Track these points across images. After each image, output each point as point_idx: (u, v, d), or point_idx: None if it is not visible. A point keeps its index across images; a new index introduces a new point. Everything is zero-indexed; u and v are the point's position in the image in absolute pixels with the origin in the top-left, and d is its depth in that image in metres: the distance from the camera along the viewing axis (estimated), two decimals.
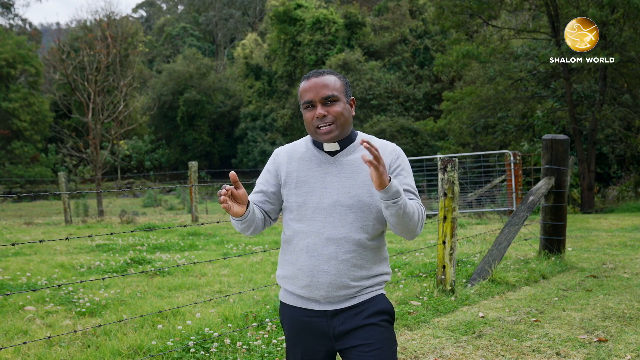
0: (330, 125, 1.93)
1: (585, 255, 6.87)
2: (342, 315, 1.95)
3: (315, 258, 1.93)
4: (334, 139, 1.96)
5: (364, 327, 1.94)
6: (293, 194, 1.99)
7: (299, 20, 32.50)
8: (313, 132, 1.96)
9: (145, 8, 64.47)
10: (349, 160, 1.98)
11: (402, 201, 1.79)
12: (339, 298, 1.94)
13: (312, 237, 1.94)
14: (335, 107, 1.93)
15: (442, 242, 4.86)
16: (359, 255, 1.94)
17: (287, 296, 2.05)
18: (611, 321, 4.10)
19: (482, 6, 15.19)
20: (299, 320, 2.01)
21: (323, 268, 1.92)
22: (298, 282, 1.97)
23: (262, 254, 7.17)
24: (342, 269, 1.92)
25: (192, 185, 7.82)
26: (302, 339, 2.01)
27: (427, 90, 30.65)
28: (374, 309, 1.96)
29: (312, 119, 1.94)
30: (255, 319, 4.14)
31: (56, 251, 7.81)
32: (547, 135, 6.36)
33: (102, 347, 3.63)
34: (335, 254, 1.92)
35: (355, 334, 1.94)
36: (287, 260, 2.02)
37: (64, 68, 19.14)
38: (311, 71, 2.02)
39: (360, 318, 1.95)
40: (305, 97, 1.95)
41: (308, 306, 1.98)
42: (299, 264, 1.96)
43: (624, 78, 14.91)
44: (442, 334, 3.94)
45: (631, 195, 15.69)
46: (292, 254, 2.00)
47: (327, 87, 1.93)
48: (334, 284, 1.92)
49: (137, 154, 36.83)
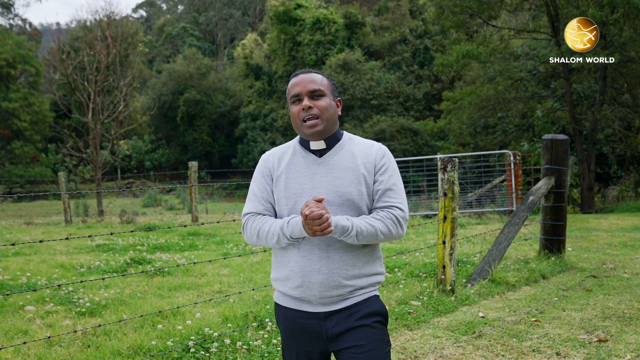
0: (316, 119, 1.97)
1: (585, 255, 6.87)
2: (335, 317, 1.96)
3: (306, 258, 1.94)
4: (318, 134, 1.98)
5: (356, 328, 1.95)
6: (283, 196, 2.00)
7: (299, 20, 32.50)
8: (299, 126, 2.00)
9: (145, 8, 64.47)
10: (336, 161, 2.00)
11: (352, 233, 1.87)
12: (332, 299, 1.95)
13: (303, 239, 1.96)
14: (321, 101, 1.98)
15: (442, 242, 4.86)
16: (351, 254, 1.95)
17: (280, 297, 2.07)
18: (611, 321, 4.10)
19: (482, 6, 15.19)
20: (293, 322, 2.02)
21: (315, 267, 1.93)
22: (290, 283, 1.98)
23: (262, 254, 7.17)
24: (334, 267, 1.93)
25: (192, 185, 7.82)
26: (297, 340, 2.03)
27: (427, 90, 30.65)
28: (366, 311, 1.97)
29: (298, 112, 1.98)
30: (255, 319, 4.14)
31: (56, 251, 7.81)
32: (547, 135, 6.36)
33: (102, 347, 3.63)
34: (326, 253, 1.93)
35: (347, 335, 1.95)
36: (279, 262, 2.04)
37: (64, 68, 19.13)
38: (300, 70, 2.07)
39: (352, 320, 1.95)
40: (292, 91, 2.00)
41: (301, 308, 2.00)
42: (291, 265, 1.97)
43: (624, 78, 14.91)
44: (442, 334, 3.94)
45: (631, 195, 15.69)
46: (284, 255, 2.01)
47: (314, 82, 1.99)
48: (326, 283, 1.92)
49: (137, 154, 36.83)
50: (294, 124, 2.02)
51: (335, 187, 1.95)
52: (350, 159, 2.00)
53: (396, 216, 1.96)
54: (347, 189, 1.95)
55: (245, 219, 2.05)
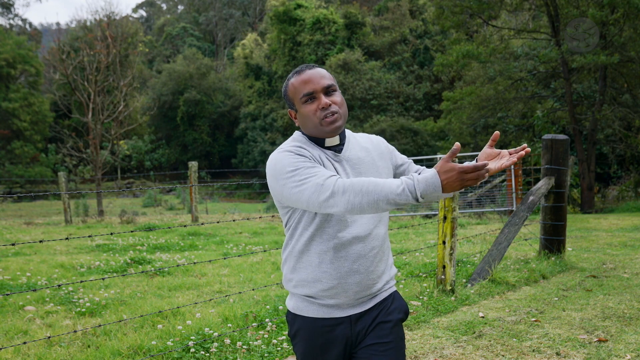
0: (335, 114, 1.83)
1: (585, 255, 6.87)
2: (366, 316, 1.89)
3: (343, 258, 1.82)
4: (338, 130, 1.86)
5: (380, 324, 1.89)
6: None
7: (299, 20, 32.51)
8: (317, 125, 1.83)
9: (145, 8, 64.49)
10: (353, 156, 1.92)
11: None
12: (363, 299, 1.88)
13: (336, 239, 1.82)
14: (335, 96, 1.86)
15: (442, 242, 4.86)
16: (380, 247, 1.89)
17: (303, 307, 1.89)
18: (611, 321, 4.10)
19: (482, 6, 15.19)
20: (320, 333, 1.87)
21: (352, 267, 1.83)
22: (321, 285, 1.83)
23: (262, 254, 7.17)
24: (369, 265, 1.85)
25: (192, 185, 7.82)
26: (322, 355, 1.89)
27: (427, 90, 30.66)
28: (394, 307, 1.93)
29: (315, 111, 1.82)
30: (255, 319, 4.14)
31: (56, 251, 7.81)
32: (547, 135, 6.36)
33: (102, 347, 3.63)
34: (362, 252, 1.84)
35: (372, 332, 1.88)
36: (304, 262, 1.87)
37: (64, 68, 19.14)
38: (300, 66, 1.92)
39: (381, 316, 1.89)
40: (304, 90, 1.83)
41: (331, 315, 1.86)
42: (324, 266, 1.83)
43: (624, 78, 14.93)
44: (442, 334, 3.94)
45: (631, 195, 15.70)
46: (309, 255, 1.85)
47: (325, 77, 1.85)
48: (363, 283, 1.84)
49: (137, 154, 36.84)
50: (309, 124, 1.84)
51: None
52: (365, 153, 1.95)
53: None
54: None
55: (334, 180, 1.68)
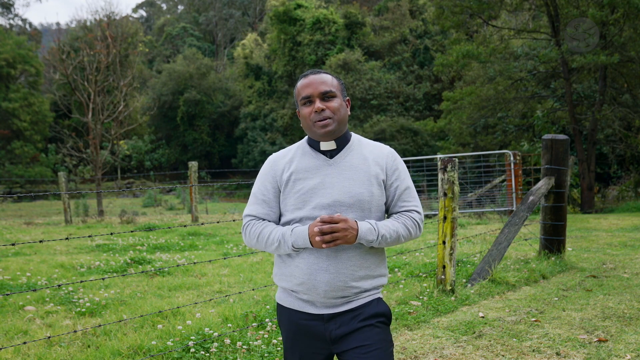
0: (328, 119, 1.97)
1: (585, 255, 6.87)
2: (339, 319, 1.96)
3: (314, 256, 1.92)
4: (331, 134, 1.98)
5: (360, 329, 1.95)
6: (292, 197, 1.99)
7: (299, 20, 32.50)
8: (310, 127, 1.99)
9: (145, 8, 64.48)
10: (347, 162, 2.00)
11: (378, 240, 1.92)
12: (336, 302, 1.94)
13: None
14: (332, 102, 1.98)
15: (442, 242, 4.86)
16: (360, 255, 1.95)
17: (283, 298, 2.05)
18: (611, 321, 4.10)
19: (482, 6, 15.19)
20: (296, 324, 2.01)
21: (322, 265, 1.91)
22: (295, 279, 1.96)
23: (262, 254, 7.17)
24: (342, 267, 1.92)
25: (192, 185, 7.82)
26: (300, 342, 2.02)
27: (427, 90, 30.66)
28: (370, 312, 1.97)
29: (310, 114, 1.98)
30: (255, 319, 4.14)
31: (56, 251, 7.81)
32: (547, 135, 6.36)
33: (102, 347, 3.63)
34: (335, 252, 1.92)
35: (352, 336, 1.95)
36: (283, 258, 2.02)
37: (64, 68, 19.14)
38: (308, 70, 2.06)
39: (356, 321, 1.95)
40: (303, 93, 1.99)
41: (304, 309, 1.98)
42: (297, 261, 1.95)
43: (624, 78, 14.92)
44: (442, 334, 3.94)
45: (631, 195, 15.70)
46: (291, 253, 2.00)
47: (325, 83, 1.99)
48: (332, 283, 1.91)
49: (137, 154, 36.83)
50: (305, 125, 2.02)
51: (346, 188, 1.95)
52: (361, 161, 2.01)
53: (415, 219, 2.02)
54: (358, 190, 1.96)
55: (246, 221, 2.04)
